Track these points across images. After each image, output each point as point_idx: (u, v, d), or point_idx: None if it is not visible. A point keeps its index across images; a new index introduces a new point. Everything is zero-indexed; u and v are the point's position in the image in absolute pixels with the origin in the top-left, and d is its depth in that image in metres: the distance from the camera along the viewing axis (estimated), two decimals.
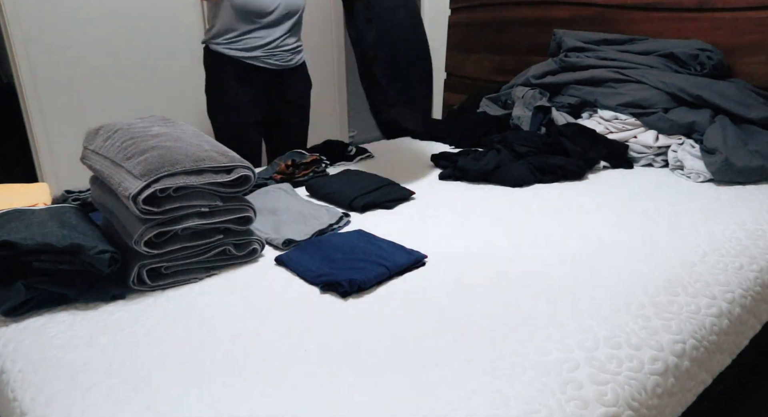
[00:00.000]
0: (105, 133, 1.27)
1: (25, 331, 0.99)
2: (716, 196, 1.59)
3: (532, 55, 2.65)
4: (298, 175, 1.80)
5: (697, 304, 1.06)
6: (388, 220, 1.47)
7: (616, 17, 2.34)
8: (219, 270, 1.20)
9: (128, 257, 1.13)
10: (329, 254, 1.21)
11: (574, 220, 1.43)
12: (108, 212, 1.22)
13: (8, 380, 0.89)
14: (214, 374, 0.85)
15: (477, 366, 0.85)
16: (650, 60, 2.10)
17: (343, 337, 0.94)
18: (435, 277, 1.14)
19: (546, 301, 1.03)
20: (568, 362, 0.86)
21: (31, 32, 2.53)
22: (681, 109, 1.92)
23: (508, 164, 1.79)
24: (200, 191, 1.16)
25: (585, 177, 1.80)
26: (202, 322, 1.00)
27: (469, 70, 2.99)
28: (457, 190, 1.71)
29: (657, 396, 0.88)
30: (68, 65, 2.66)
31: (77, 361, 0.89)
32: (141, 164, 1.11)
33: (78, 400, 0.80)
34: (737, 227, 1.36)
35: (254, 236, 1.25)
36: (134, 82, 2.87)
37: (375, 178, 1.69)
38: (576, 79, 2.19)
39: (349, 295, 1.07)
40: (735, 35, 2.03)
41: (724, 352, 1.07)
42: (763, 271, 1.22)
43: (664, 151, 1.91)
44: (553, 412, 0.77)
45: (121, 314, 1.04)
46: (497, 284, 1.10)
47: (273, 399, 0.79)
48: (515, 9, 2.70)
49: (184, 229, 1.15)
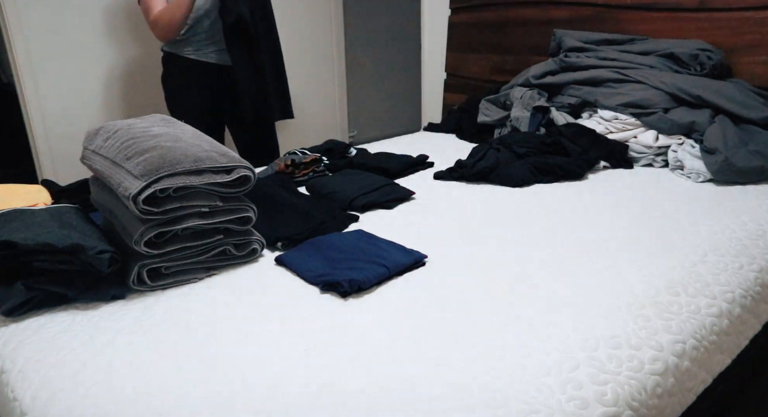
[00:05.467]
0: (105, 134, 1.27)
1: (25, 331, 0.99)
2: (716, 196, 1.59)
3: (532, 55, 2.65)
4: (298, 175, 1.80)
5: (697, 304, 1.06)
6: (388, 220, 1.47)
7: (616, 17, 2.34)
8: (219, 270, 1.20)
9: (128, 257, 1.13)
10: (329, 254, 1.21)
11: (574, 220, 1.43)
12: (108, 212, 1.22)
13: (8, 380, 0.89)
14: (214, 374, 0.85)
15: (477, 366, 0.85)
16: (650, 60, 2.09)
17: (343, 337, 0.94)
18: (435, 277, 1.14)
19: (546, 300, 1.03)
20: (568, 362, 0.86)
21: (31, 32, 2.53)
22: (681, 109, 1.92)
23: (507, 164, 1.79)
24: (200, 191, 1.16)
25: (585, 177, 1.80)
26: (202, 322, 1.00)
27: (469, 70, 2.99)
28: (457, 190, 1.71)
29: (657, 396, 0.88)
30: (68, 65, 2.66)
31: (77, 361, 0.89)
32: (141, 164, 1.11)
33: (78, 400, 0.80)
34: (737, 227, 1.36)
35: (254, 236, 1.25)
36: (134, 82, 2.87)
37: (375, 178, 1.69)
38: (576, 79, 2.19)
39: (349, 295, 1.07)
40: (735, 35, 2.03)
41: (724, 352, 1.07)
42: (763, 271, 1.22)
43: (664, 151, 1.91)
44: (553, 412, 0.77)
45: (121, 314, 1.04)
46: (497, 284, 1.10)
47: (273, 399, 0.79)
48: (515, 9, 2.70)
49: (184, 229, 1.15)
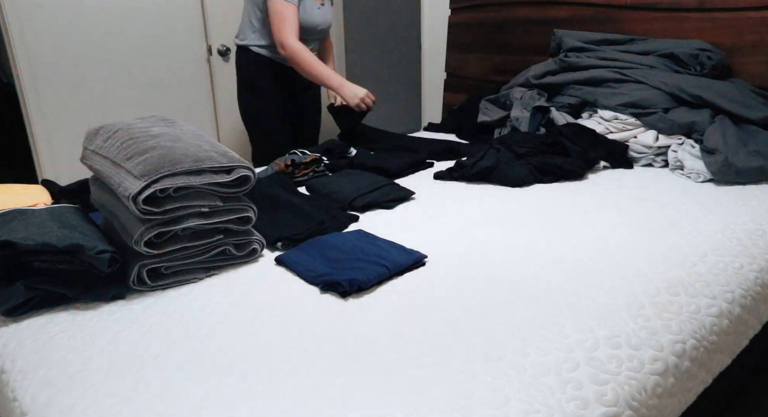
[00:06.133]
0: (105, 134, 1.27)
1: (25, 331, 0.99)
2: (716, 196, 1.59)
3: (532, 55, 2.65)
4: (298, 175, 1.80)
5: (697, 304, 1.06)
6: (388, 220, 1.47)
7: (616, 17, 2.34)
8: (219, 270, 1.20)
9: (128, 257, 1.13)
10: (329, 254, 1.21)
11: (574, 220, 1.43)
12: (108, 212, 1.22)
13: (8, 380, 0.89)
14: (214, 374, 0.85)
15: (477, 366, 0.85)
16: (650, 60, 2.10)
17: (343, 337, 0.94)
18: (435, 277, 1.14)
19: (546, 301, 1.03)
20: (568, 362, 0.86)
21: (31, 32, 2.53)
22: (681, 109, 1.92)
23: (507, 164, 1.79)
24: (200, 191, 1.16)
25: (585, 177, 1.80)
26: (202, 322, 1.00)
27: (469, 70, 2.99)
28: (457, 190, 1.71)
29: (657, 396, 0.88)
30: (68, 65, 2.65)
31: (77, 361, 0.89)
32: (141, 164, 1.11)
33: (78, 400, 0.80)
34: (737, 227, 1.36)
35: (254, 236, 1.25)
36: (134, 82, 2.87)
37: (375, 178, 1.69)
38: (576, 79, 2.19)
39: (349, 295, 1.07)
40: (735, 35, 2.03)
41: (724, 352, 1.07)
42: (763, 271, 1.22)
43: (664, 151, 1.91)
44: (553, 412, 0.77)
45: (121, 314, 1.04)
46: (497, 284, 1.10)
47: (273, 399, 0.79)
48: (515, 9, 2.70)
49: (184, 230, 1.15)
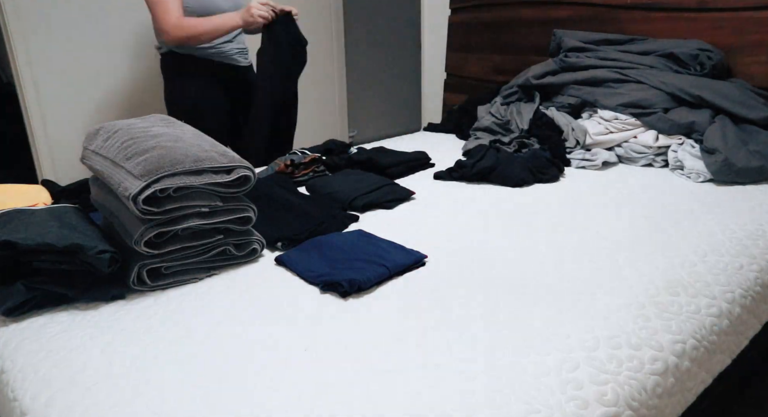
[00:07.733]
0: (105, 134, 1.27)
1: (25, 331, 0.99)
2: (716, 196, 1.59)
3: (532, 55, 2.65)
4: (298, 175, 1.80)
5: (697, 304, 1.06)
6: (388, 220, 1.47)
7: (616, 17, 2.34)
8: (219, 270, 1.20)
9: (128, 257, 1.13)
10: (329, 254, 1.21)
11: (573, 219, 1.43)
12: (108, 212, 1.22)
13: (8, 380, 0.89)
14: (214, 374, 0.85)
15: (477, 366, 0.85)
16: (650, 60, 2.09)
17: (343, 337, 0.94)
18: (435, 277, 1.14)
19: (546, 301, 1.03)
20: (568, 362, 0.86)
21: (31, 32, 2.53)
22: (681, 109, 1.92)
23: (507, 164, 1.79)
24: (200, 191, 1.16)
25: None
26: (202, 322, 1.00)
27: (469, 70, 2.99)
28: (457, 190, 1.71)
29: (657, 396, 0.88)
30: (68, 65, 2.66)
31: (77, 361, 0.89)
32: (141, 164, 1.11)
33: (78, 400, 0.80)
34: (737, 227, 1.36)
35: (254, 236, 1.25)
36: (135, 82, 2.87)
37: (375, 178, 1.69)
38: (576, 80, 2.19)
39: (349, 295, 1.07)
40: (735, 35, 2.03)
41: (724, 352, 1.07)
42: (763, 271, 1.22)
43: (664, 151, 1.91)
44: (553, 412, 0.77)
45: (121, 314, 1.04)
46: (497, 284, 1.10)
47: (273, 399, 0.79)
48: (515, 9, 2.70)
49: (184, 230, 1.15)
